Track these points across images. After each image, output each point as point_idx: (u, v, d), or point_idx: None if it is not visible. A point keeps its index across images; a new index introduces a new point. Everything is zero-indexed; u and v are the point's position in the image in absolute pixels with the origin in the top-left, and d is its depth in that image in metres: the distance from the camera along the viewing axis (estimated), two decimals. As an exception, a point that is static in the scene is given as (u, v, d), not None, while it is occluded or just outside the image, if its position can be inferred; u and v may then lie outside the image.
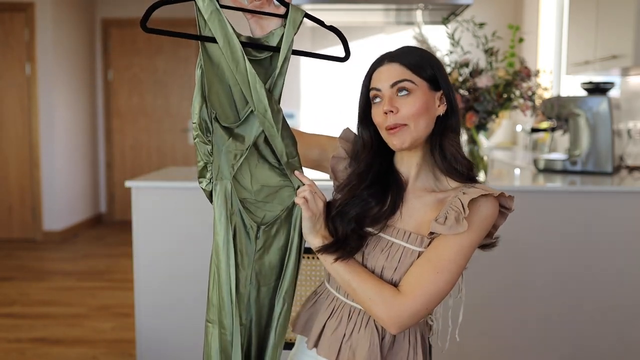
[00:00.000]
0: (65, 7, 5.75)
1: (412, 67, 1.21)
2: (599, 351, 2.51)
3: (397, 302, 1.16)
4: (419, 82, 1.21)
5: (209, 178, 1.19)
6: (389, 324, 1.17)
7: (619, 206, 2.48)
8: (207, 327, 1.22)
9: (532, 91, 2.53)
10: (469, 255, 1.19)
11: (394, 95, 1.20)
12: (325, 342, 1.28)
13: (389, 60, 1.23)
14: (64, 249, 5.38)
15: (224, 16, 1.13)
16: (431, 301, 1.16)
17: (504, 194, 1.20)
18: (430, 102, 1.22)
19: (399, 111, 1.19)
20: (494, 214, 1.20)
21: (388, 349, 1.24)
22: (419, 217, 1.23)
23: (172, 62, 6.36)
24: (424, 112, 1.20)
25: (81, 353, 3.12)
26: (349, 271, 1.20)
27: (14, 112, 5.63)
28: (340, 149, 1.36)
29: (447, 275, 1.16)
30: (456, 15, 3.08)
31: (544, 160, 3.07)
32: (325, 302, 1.32)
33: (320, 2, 2.86)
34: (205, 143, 1.17)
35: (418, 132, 1.20)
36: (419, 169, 1.26)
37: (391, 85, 1.20)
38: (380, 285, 1.18)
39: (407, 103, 1.19)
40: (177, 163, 6.42)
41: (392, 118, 1.19)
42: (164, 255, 2.52)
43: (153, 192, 2.52)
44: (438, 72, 1.23)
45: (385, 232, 1.24)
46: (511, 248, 2.47)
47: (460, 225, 1.14)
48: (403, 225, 1.23)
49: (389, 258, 1.21)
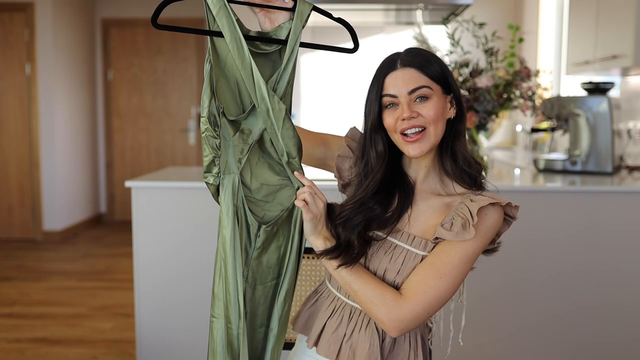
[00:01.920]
0: (65, 7, 5.75)
1: (428, 72, 1.20)
2: (600, 351, 2.51)
3: (398, 306, 1.15)
4: (434, 87, 1.20)
5: (215, 173, 1.19)
6: (389, 327, 1.17)
7: (619, 206, 2.48)
8: (212, 323, 1.21)
9: (532, 91, 2.53)
10: (472, 261, 1.19)
11: (412, 102, 1.20)
12: (325, 341, 1.28)
13: (402, 65, 1.21)
14: (64, 249, 5.38)
15: (231, 12, 1.13)
16: (433, 305, 1.16)
17: (511, 204, 1.20)
18: (445, 106, 1.22)
19: (418, 115, 1.19)
20: (499, 222, 1.20)
21: (388, 351, 1.24)
22: (425, 221, 1.23)
23: (171, 62, 6.36)
24: (441, 116, 1.20)
25: (81, 353, 3.12)
26: (351, 273, 1.20)
27: (14, 112, 5.63)
28: (346, 148, 1.35)
29: (450, 280, 1.16)
30: (456, 15, 3.07)
31: (544, 160, 3.07)
32: (326, 302, 1.32)
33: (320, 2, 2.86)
34: (214, 137, 1.16)
35: (437, 136, 1.21)
36: (427, 172, 1.25)
37: (409, 92, 1.19)
38: (382, 288, 1.18)
39: (425, 107, 1.19)
40: (176, 163, 6.42)
41: (412, 121, 1.19)
42: (164, 255, 2.52)
43: (153, 192, 2.52)
44: (449, 76, 1.23)
45: (390, 235, 1.23)
46: (511, 248, 2.47)
47: (467, 232, 1.14)
48: (408, 228, 1.23)
49: (392, 261, 1.21)
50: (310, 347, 1.32)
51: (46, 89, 5.55)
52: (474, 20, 2.60)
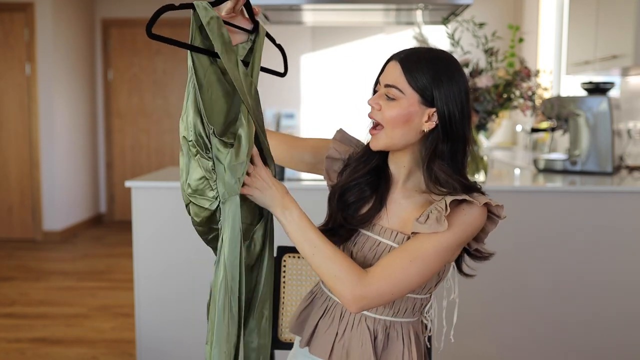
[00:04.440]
0: (65, 7, 5.75)
1: (409, 76, 1.18)
2: (598, 351, 2.51)
3: (363, 283, 1.14)
4: (409, 92, 1.18)
5: (213, 197, 1.14)
6: (350, 302, 1.14)
7: (619, 206, 2.48)
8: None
9: (532, 91, 2.53)
10: (446, 255, 1.17)
11: (383, 95, 1.21)
12: (318, 341, 1.28)
13: (396, 59, 1.22)
14: (64, 249, 5.38)
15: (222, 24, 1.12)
16: (399, 287, 1.14)
17: (491, 204, 1.17)
18: (415, 115, 1.18)
19: (381, 109, 1.20)
20: (480, 221, 1.18)
21: (382, 349, 1.24)
22: (405, 216, 1.23)
23: (171, 62, 6.36)
24: (401, 122, 1.18)
25: (81, 353, 3.12)
26: (317, 244, 1.17)
27: (14, 112, 5.63)
28: (334, 150, 1.36)
29: (420, 266, 1.14)
30: (456, 15, 3.07)
31: (544, 160, 3.07)
32: (319, 302, 1.33)
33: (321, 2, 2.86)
34: (207, 159, 1.12)
35: (392, 139, 1.20)
36: (409, 171, 1.25)
37: (385, 85, 1.21)
38: (347, 264, 1.16)
39: (389, 107, 1.19)
40: (176, 163, 6.42)
41: (374, 113, 1.22)
42: (164, 255, 2.52)
43: (153, 192, 2.52)
44: (437, 90, 1.17)
45: (372, 231, 1.24)
46: (511, 248, 2.47)
47: (440, 224, 1.13)
48: (390, 224, 1.24)
49: (376, 257, 1.21)
50: (303, 347, 1.32)
51: (46, 89, 5.55)
52: (474, 20, 2.60)
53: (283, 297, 1.69)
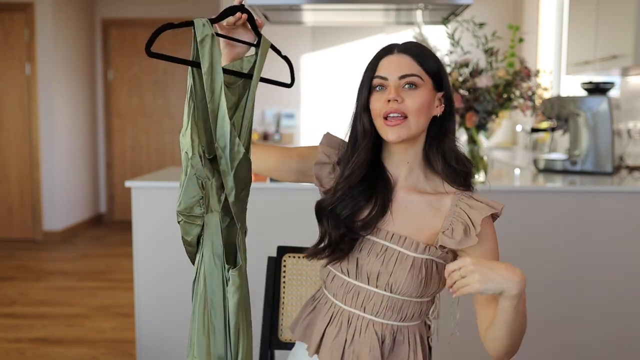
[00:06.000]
0: (65, 7, 5.75)
1: (423, 63, 1.21)
2: (598, 350, 2.51)
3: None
4: (426, 79, 1.21)
5: (200, 213, 1.15)
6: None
7: (619, 206, 2.48)
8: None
9: (532, 91, 2.53)
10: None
11: (400, 87, 1.19)
12: (327, 348, 1.27)
13: (399, 51, 1.22)
14: (64, 249, 5.38)
15: (217, 43, 1.11)
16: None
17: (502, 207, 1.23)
18: (432, 101, 1.22)
19: (403, 101, 1.18)
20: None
21: (389, 352, 1.24)
22: (415, 221, 1.22)
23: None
24: (426, 109, 1.20)
25: (81, 353, 3.12)
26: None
27: (14, 112, 5.63)
28: (322, 154, 1.33)
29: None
30: (456, 15, 3.07)
31: (544, 160, 3.07)
32: (324, 308, 1.31)
33: (321, 2, 2.86)
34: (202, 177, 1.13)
35: (417, 127, 1.20)
36: (410, 168, 1.25)
37: (400, 77, 1.19)
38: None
39: (412, 96, 1.19)
40: (176, 163, 6.42)
41: (395, 105, 1.18)
42: (164, 255, 2.52)
43: (153, 192, 2.52)
44: (444, 74, 1.24)
45: (378, 236, 1.22)
46: (510, 248, 2.47)
47: (470, 238, 1.16)
48: (397, 228, 1.22)
49: (384, 263, 1.20)
50: (312, 355, 1.30)
51: (46, 89, 5.55)
52: (474, 20, 2.60)
53: (283, 297, 1.69)
